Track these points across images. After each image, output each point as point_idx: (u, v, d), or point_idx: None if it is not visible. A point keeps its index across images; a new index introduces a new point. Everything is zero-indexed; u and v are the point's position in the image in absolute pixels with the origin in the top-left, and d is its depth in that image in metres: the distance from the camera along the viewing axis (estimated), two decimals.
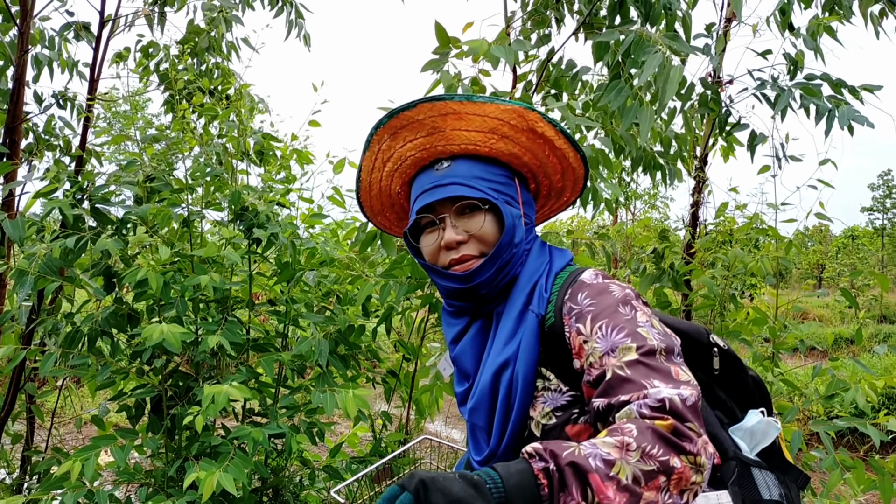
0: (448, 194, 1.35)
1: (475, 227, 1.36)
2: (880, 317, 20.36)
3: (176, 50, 3.85)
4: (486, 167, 1.40)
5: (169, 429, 2.73)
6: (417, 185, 1.44)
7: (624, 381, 1.12)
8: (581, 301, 1.27)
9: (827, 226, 27.08)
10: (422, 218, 1.42)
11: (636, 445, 1.00)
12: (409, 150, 1.44)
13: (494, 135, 1.39)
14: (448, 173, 1.38)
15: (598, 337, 1.20)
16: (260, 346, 2.92)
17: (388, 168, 1.49)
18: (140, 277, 2.47)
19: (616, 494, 0.95)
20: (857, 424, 2.44)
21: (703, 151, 3.60)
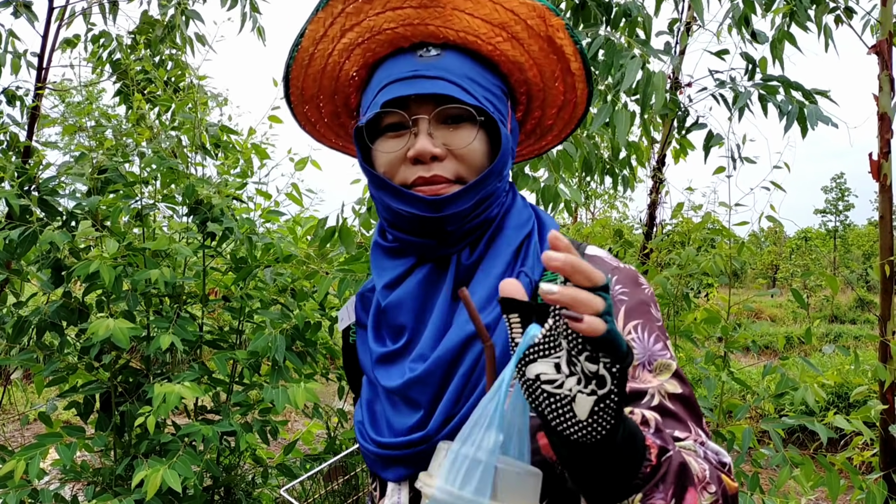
0: (433, 90, 1.00)
1: (460, 142, 1.03)
2: (831, 317, 20.86)
3: (129, 40, 3.78)
4: (482, 70, 1.07)
5: (118, 426, 2.67)
6: (387, 70, 1.07)
7: (671, 413, 0.92)
8: (614, 286, 1.03)
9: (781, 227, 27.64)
10: (386, 115, 1.04)
11: (714, 489, 0.83)
12: (386, 21, 1.06)
13: (504, 31, 1.07)
14: (436, 64, 1.03)
15: (634, 339, 0.98)
16: (213, 342, 2.88)
17: (347, 38, 1.09)
18: (92, 270, 2.41)
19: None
20: (805, 422, 2.48)
21: (661, 152, 3.64)
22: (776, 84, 2.86)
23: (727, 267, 2.90)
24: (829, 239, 44.32)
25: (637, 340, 0.97)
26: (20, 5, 3.55)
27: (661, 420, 0.85)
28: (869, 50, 3.16)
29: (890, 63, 3.11)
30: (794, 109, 2.82)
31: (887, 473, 3.03)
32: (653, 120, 3.50)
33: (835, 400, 8.80)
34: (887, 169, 3.10)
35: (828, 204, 48.55)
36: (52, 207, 2.71)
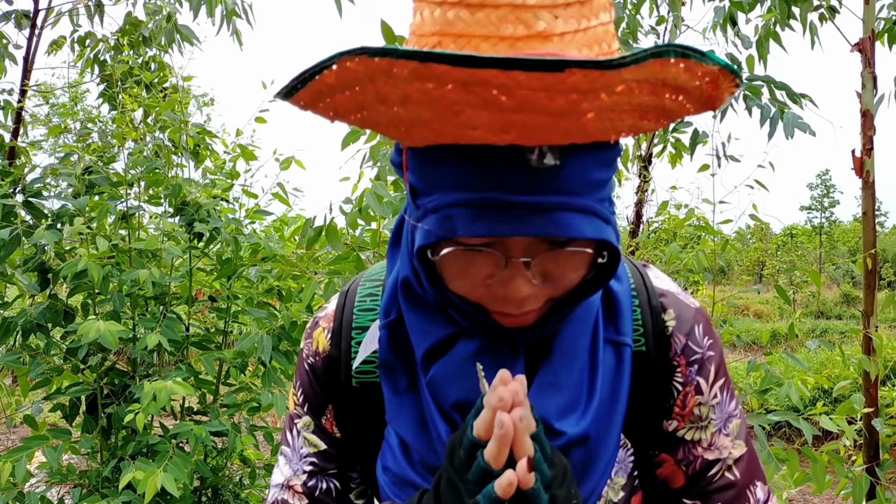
0: (550, 233, 0.70)
1: (565, 278, 0.78)
2: (817, 312, 21.02)
3: (113, 41, 3.76)
4: (601, 156, 0.73)
5: (104, 428, 2.67)
6: (471, 170, 0.71)
7: (733, 484, 0.90)
8: (701, 341, 0.91)
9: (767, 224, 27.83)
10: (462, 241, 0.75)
11: None
12: (486, 122, 0.65)
13: (652, 113, 0.71)
14: (555, 182, 0.70)
15: (715, 404, 0.90)
16: (199, 343, 2.87)
17: (406, 112, 0.67)
18: (80, 268, 2.40)
19: None
20: (790, 419, 2.51)
21: (648, 151, 3.66)
22: (759, 84, 2.89)
23: (712, 264, 2.92)
24: (815, 235, 44.64)
25: (717, 406, 0.91)
26: (20, 17, 3.54)
27: None
28: (852, 48, 3.18)
29: (872, 61, 3.13)
30: (776, 114, 2.85)
31: (870, 466, 3.06)
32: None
33: (821, 395, 8.88)
34: (870, 165, 3.12)
35: (813, 201, 48.88)
36: (38, 209, 2.70)
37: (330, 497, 0.96)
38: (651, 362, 0.89)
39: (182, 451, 2.44)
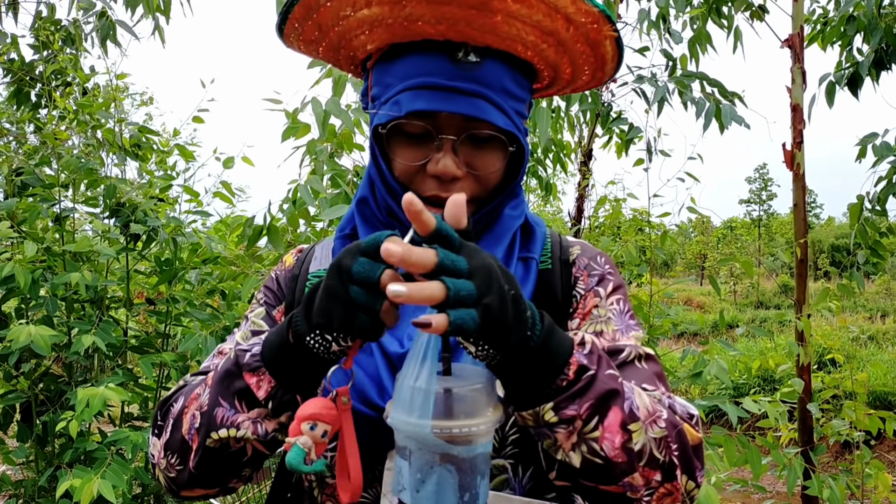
0: (469, 112, 0.94)
1: (485, 166, 0.99)
2: (757, 303, 21.61)
3: (30, 39, 3.65)
4: (517, 77, 0.99)
5: (40, 436, 2.60)
6: (416, 64, 0.96)
7: (641, 371, 0.96)
8: (601, 263, 1.08)
9: (708, 217, 28.40)
10: (408, 123, 0.97)
11: (664, 426, 0.84)
12: (427, 14, 0.92)
13: (551, 38, 0.97)
14: (474, 74, 0.94)
15: (614, 310, 1.03)
16: (138, 347, 2.81)
17: (372, 10, 0.94)
18: (6, 273, 2.33)
19: (617, 450, 0.80)
20: (716, 402, 2.58)
21: (588, 146, 3.72)
22: (691, 78, 2.96)
23: (653, 255, 2.98)
24: (754, 228, 45.87)
25: (616, 313, 1.03)
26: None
27: (600, 343, 0.87)
28: (782, 44, 3.28)
29: (801, 56, 3.24)
30: (710, 108, 2.92)
31: (804, 449, 3.16)
32: (577, 116, 3.57)
33: (760, 383, 9.15)
34: (800, 158, 3.23)
35: (752, 194, 50.24)
36: None
37: None
38: (554, 276, 1.06)
39: (121, 458, 2.39)
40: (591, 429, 0.79)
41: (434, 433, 0.75)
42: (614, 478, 0.81)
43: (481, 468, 0.78)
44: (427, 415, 0.75)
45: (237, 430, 0.89)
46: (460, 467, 0.77)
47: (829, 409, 3.60)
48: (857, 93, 3.61)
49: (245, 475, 0.97)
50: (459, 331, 0.70)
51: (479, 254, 0.74)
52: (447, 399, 0.76)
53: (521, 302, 0.75)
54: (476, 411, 0.77)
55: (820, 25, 3.76)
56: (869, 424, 3.21)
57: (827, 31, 3.65)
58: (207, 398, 0.92)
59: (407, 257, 0.69)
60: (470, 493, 0.77)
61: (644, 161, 2.92)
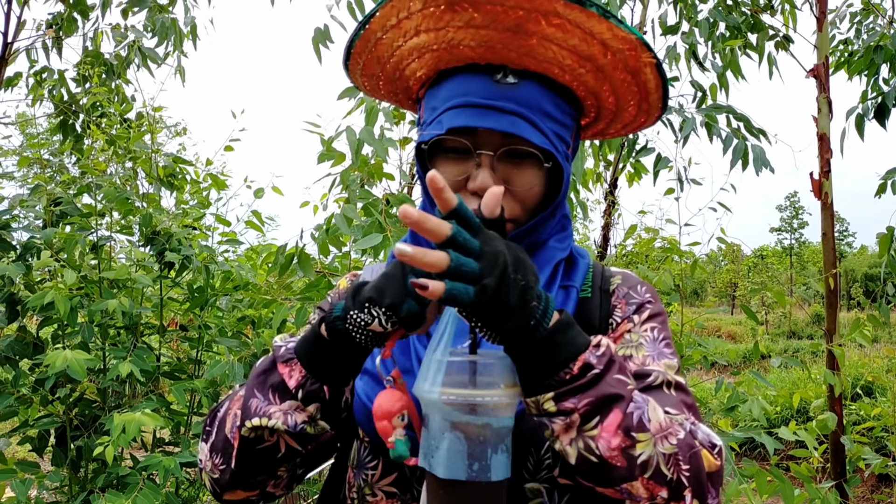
0: (506, 129, 0.98)
1: (521, 184, 1.03)
2: (789, 333, 21.27)
3: (74, 73, 3.78)
4: (557, 100, 1.04)
5: (74, 460, 2.64)
6: (459, 85, 1.02)
7: (668, 397, 0.96)
8: (641, 293, 1.10)
9: (738, 246, 28.08)
10: (449, 140, 1.03)
11: (675, 444, 0.84)
12: (468, 38, 0.99)
13: (589, 63, 1.02)
14: (512, 94, 1.00)
15: (647, 337, 1.04)
16: (171, 373, 2.86)
17: (420, 39, 1.03)
18: (46, 301, 2.39)
19: (615, 451, 0.81)
20: (752, 434, 2.55)
21: (614, 175, 3.73)
22: (719, 111, 2.97)
23: (683, 284, 2.97)
24: (786, 256, 45.24)
25: (649, 340, 1.03)
26: None
27: (614, 347, 0.87)
28: (807, 73, 3.29)
29: (827, 86, 3.24)
30: (739, 145, 2.93)
31: (838, 483, 3.11)
32: (606, 144, 3.59)
33: (794, 415, 8.98)
34: (828, 187, 3.21)
35: (783, 222, 49.64)
36: (5, 241, 2.69)
37: None
38: (593, 304, 1.09)
39: (152, 483, 2.42)
40: (591, 427, 0.81)
41: (442, 399, 0.80)
42: (611, 481, 0.82)
43: (492, 441, 0.82)
44: (438, 382, 0.81)
45: (269, 419, 0.93)
46: (468, 436, 0.81)
47: (865, 440, 3.53)
48: (885, 123, 3.59)
49: (282, 478, 1.00)
50: (452, 300, 0.74)
51: (495, 241, 0.78)
52: (458, 369, 0.82)
53: (530, 291, 0.78)
54: (486, 384, 0.82)
55: (846, 56, 3.76)
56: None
57: (854, 61, 3.65)
58: (244, 393, 0.97)
59: (422, 222, 0.73)
60: (480, 463, 0.81)
61: (674, 190, 2.93)
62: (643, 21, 3.56)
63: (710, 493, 0.85)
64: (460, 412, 0.81)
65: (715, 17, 3.30)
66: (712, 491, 0.86)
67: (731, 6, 3.45)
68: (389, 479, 1.04)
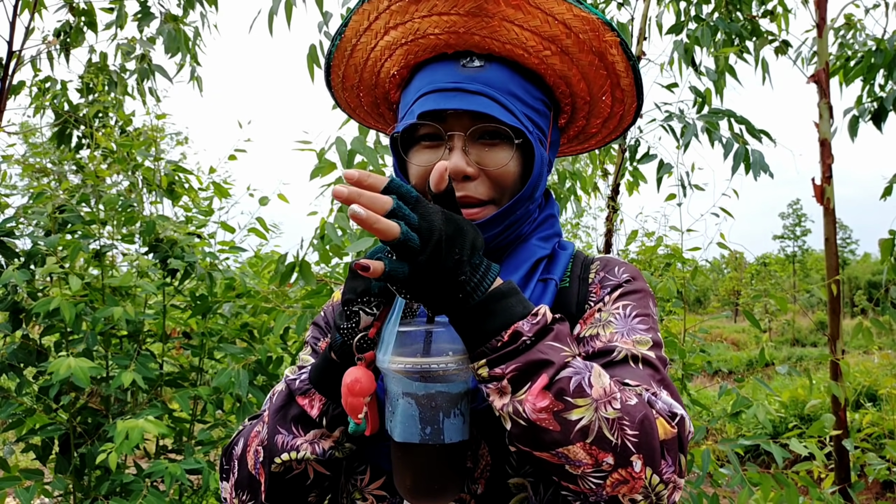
0: (473, 107, 0.99)
1: (494, 163, 1.02)
2: (793, 340, 21.21)
3: (78, 84, 3.80)
4: (525, 84, 1.05)
5: (77, 468, 2.64)
6: (427, 76, 1.05)
7: (633, 370, 0.93)
8: (618, 274, 1.08)
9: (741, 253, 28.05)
10: (421, 126, 1.04)
11: (619, 408, 0.82)
12: (431, 26, 1.02)
13: (553, 45, 1.03)
14: (478, 76, 1.01)
15: (618, 314, 1.01)
16: (174, 381, 2.86)
17: (390, 36, 1.06)
18: (52, 307, 2.40)
19: (543, 413, 0.81)
20: (759, 442, 2.54)
21: (616, 181, 3.73)
22: (720, 116, 2.98)
23: (686, 291, 2.97)
24: (789, 264, 45.15)
25: (619, 316, 1.01)
26: None
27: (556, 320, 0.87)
28: (808, 79, 3.30)
29: (828, 91, 3.25)
30: (740, 150, 2.94)
31: (842, 488, 3.10)
32: (608, 151, 3.60)
33: (797, 422, 8.95)
34: (830, 193, 3.22)
35: (786, 230, 49.56)
36: (9, 249, 2.70)
37: None
38: (571, 292, 1.08)
39: (156, 490, 2.42)
40: (521, 392, 0.82)
41: (392, 368, 0.85)
42: (544, 444, 0.82)
43: (444, 406, 0.87)
44: (389, 352, 0.86)
45: (297, 452, 0.96)
46: (419, 401, 0.87)
47: (868, 447, 3.53)
48: (882, 126, 3.59)
49: (312, 502, 1.03)
50: (390, 278, 0.78)
51: (432, 214, 0.80)
52: (408, 339, 0.87)
53: (462, 265, 0.81)
54: (435, 351, 0.86)
55: (842, 61, 3.77)
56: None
57: (853, 68, 3.66)
58: (266, 431, 0.99)
59: (356, 196, 0.75)
60: (432, 427, 0.87)
61: (676, 196, 2.93)
62: (644, 20, 3.56)
63: (665, 461, 0.83)
64: (410, 379, 0.86)
65: (716, 23, 3.31)
66: (667, 458, 0.83)
67: (731, 11, 3.46)
68: (378, 484, 1.04)
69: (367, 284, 0.88)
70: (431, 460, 0.87)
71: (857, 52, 3.71)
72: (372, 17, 1.05)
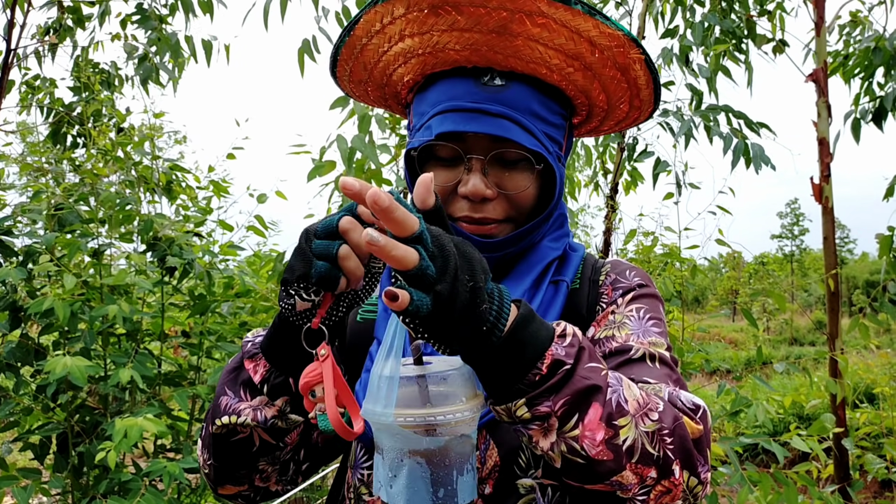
0: (495, 132, 0.97)
1: (514, 187, 1.02)
2: (791, 339, 21.22)
3: (70, 82, 3.79)
4: (546, 101, 1.02)
5: (75, 467, 2.63)
6: (446, 90, 1.02)
7: (651, 369, 0.93)
8: (629, 277, 1.08)
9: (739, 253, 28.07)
10: (438, 146, 1.02)
11: (657, 418, 0.79)
12: (452, 41, 0.98)
13: (577, 62, 1.00)
14: (499, 96, 0.99)
15: (632, 316, 1.01)
16: (172, 379, 2.86)
17: (405, 44, 1.02)
18: (46, 307, 2.40)
19: (600, 447, 0.75)
20: (760, 441, 2.54)
21: (615, 180, 3.73)
22: (716, 111, 2.98)
23: (684, 290, 2.97)
24: (787, 263, 45.18)
25: (634, 319, 1.00)
26: None
27: (578, 331, 0.80)
28: (806, 78, 3.30)
29: (826, 90, 3.25)
30: (739, 144, 2.94)
31: (842, 487, 3.10)
32: (607, 149, 3.60)
33: (796, 421, 8.96)
34: (828, 192, 3.22)
35: (784, 229, 49.60)
36: (7, 247, 2.69)
37: None
38: (582, 294, 1.07)
39: (154, 489, 2.42)
40: (571, 427, 0.74)
41: (398, 422, 0.71)
42: (600, 477, 0.77)
43: (457, 462, 0.74)
44: (391, 404, 0.72)
45: (238, 416, 0.94)
46: (430, 460, 0.73)
47: (867, 446, 3.53)
48: (882, 126, 3.60)
49: (266, 471, 1.01)
50: (415, 313, 0.66)
51: (442, 237, 0.70)
52: (412, 387, 0.73)
53: (480, 293, 0.70)
54: (444, 400, 0.73)
55: (842, 58, 3.77)
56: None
57: (850, 65, 3.66)
58: (217, 391, 0.98)
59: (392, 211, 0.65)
60: (445, 488, 0.74)
61: (674, 195, 2.93)
62: (643, 21, 3.56)
63: (700, 461, 0.81)
64: (419, 435, 0.73)
65: (710, 20, 3.31)
66: (700, 458, 0.81)
67: (727, 10, 3.46)
68: None
69: (307, 269, 0.79)
70: None
71: (857, 50, 3.72)
72: (385, 20, 1.01)
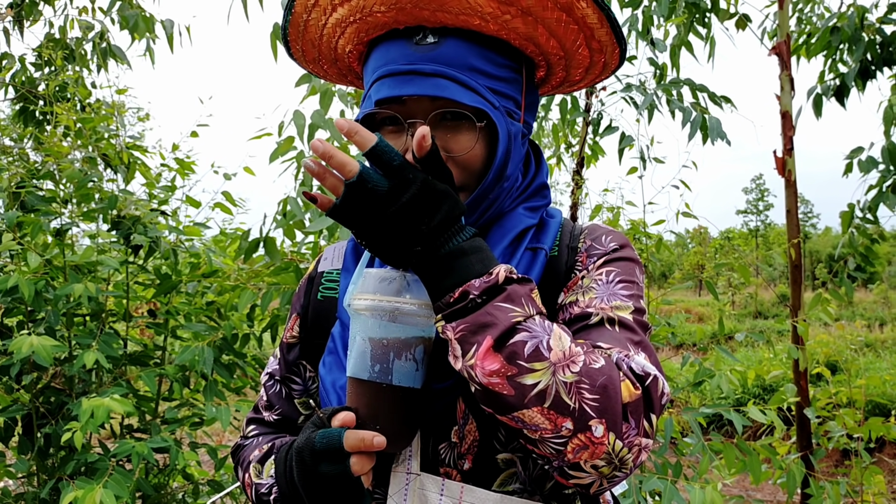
0: (430, 92, 0.94)
1: (458, 147, 0.98)
2: (756, 313, 21.62)
3: (32, 58, 3.70)
4: (486, 53, 0.98)
5: (41, 448, 2.60)
6: (381, 56, 0.99)
7: (608, 333, 0.92)
8: (605, 242, 1.05)
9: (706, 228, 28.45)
10: (380, 113, 0.99)
11: (579, 371, 0.80)
12: (377, 3, 0.96)
13: (512, 7, 0.94)
14: (432, 55, 0.95)
15: (600, 280, 0.99)
16: (138, 359, 2.83)
17: (338, 14, 1.00)
18: (10, 285, 2.35)
19: (494, 378, 0.80)
20: (720, 411, 2.59)
21: (580, 155, 3.75)
22: (678, 85, 3.00)
23: (651, 265, 3.01)
24: (752, 238, 45.87)
25: (602, 283, 0.98)
26: None
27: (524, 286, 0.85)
28: (769, 52, 3.33)
29: (789, 63, 3.29)
30: (697, 117, 2.97)
31: (804, 454, 3.18)
32: (571, 123, 3.61)
33: (760, 392, 9.15)
34: (791, 165, 3.27)
35: (749, 204, 50.30)
36: None
37: (279, 398, 1.20)
38: (560, 261, 1.05)
39: (122, 469, 2.40)
40: (470, 355, 0.81)
41: (353, 304, 0.90)
42: (502, 408, 0.81)
43: (395, 346, 0.89)
44: (353, 292, 0.91)
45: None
46: (372, 340, 0.89)
47: (827, 415, 3.61)
48: (844, 102, 3.65)
49: None
50: (364, 182, 0.82)
51: (416, 173, 0.84)
52: (365, 280, 0.90)
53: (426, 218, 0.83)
54: (393, 292, 0.89)
55: (804, 37, 3.81)
56: (862, 431, 3.22)
57: (813, 43, 3.70)
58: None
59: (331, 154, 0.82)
60: (381, 365, 0.89)
61: (638, 169, 2.96)
62: None
63: (628, 424, 0.81)
64: (366, 317, 0.89)
65: None
66: (630, 421, 0.81)
67: None
68: None
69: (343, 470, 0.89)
70: (378, 400, 0.89)
71: (816, 27, 3.76)
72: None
